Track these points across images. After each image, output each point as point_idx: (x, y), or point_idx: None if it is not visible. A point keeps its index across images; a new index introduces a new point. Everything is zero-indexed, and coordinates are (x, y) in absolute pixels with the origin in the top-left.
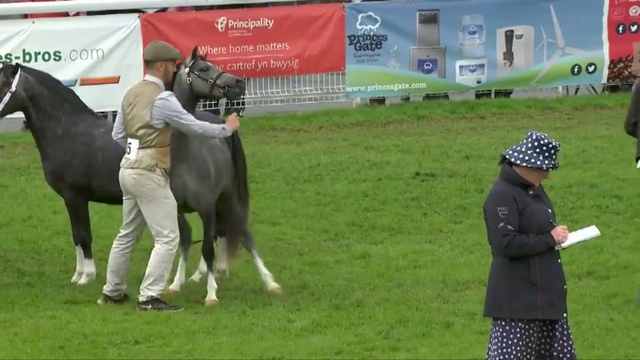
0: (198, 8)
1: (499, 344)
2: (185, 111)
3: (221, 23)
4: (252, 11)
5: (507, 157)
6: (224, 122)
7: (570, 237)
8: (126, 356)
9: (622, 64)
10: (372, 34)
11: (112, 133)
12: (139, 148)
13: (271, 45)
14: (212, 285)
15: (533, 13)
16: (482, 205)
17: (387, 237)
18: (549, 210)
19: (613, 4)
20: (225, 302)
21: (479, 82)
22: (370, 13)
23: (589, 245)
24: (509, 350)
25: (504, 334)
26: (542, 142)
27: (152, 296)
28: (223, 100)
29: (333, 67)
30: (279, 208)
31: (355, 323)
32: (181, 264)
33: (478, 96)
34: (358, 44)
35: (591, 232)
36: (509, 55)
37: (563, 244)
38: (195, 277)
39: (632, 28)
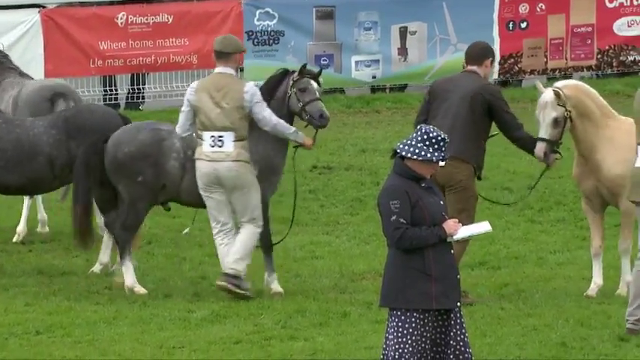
0: (99, 3)
1: (395, 334)
2: (266, 104)
3: (121, 18)
4: (151, 7)
5: (398, 150)
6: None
7: (462, 230)
8: (27, 347)
9: (512, 60)
10: (269, 29)
11: (178, 130)
12: (235, 141)
13: (171, 40)
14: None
15: (427, 10)
16: (377, 198)
17: (285, 229)
18: (441, 202)
19: (503, 2)
20: (126, 292)
21: (374, 77)
22: (268, 9)
23: (481, 236)
24: (405, 340)
25: (400, 324)
26: (431, 135)
27: (239, 271)
28: (124, 94)
29: None
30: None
31: (254, 313)
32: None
33: (373, 91)
34: (256, 40)
35: (483, 227)
36: (403, 51)
37: (455, 237)
38: (96, 268)
39: (521, 25)
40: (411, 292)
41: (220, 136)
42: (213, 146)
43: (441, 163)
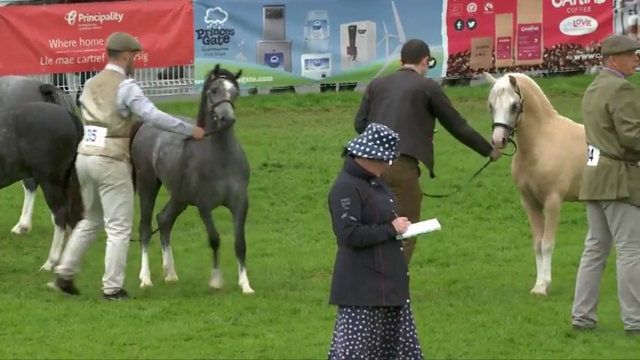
0: (49, 2)
1: (345, 331)
2: (147, 99)
3: (71, 17)
4: (101, 5)
5: (349, 149)
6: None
7: (412, 228)
8: None
9: (460, 59)
10: (219, 28)
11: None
12: (107, 137)
13: None
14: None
15: (376, 9)
16: (328, 195)
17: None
18: (390, 200)
19: (452, 1)
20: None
21: (324, 75)
22: (218, 7)
23: (430, 234)
24: (354, 336)
25: (350, 320)
26: (382, 134)
27: (118, 288)
28: (74, 93)
29: (182, 60)
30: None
31: (204, 310)
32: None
33: (323, 89)
34: (206, 38)
35: (432, 225)
36: (352, 50)
37: (404, 235)
38: (47, 265)
39: (469, 24)
40: (361, 289)
41: (94, 131)
42: (87, 140)
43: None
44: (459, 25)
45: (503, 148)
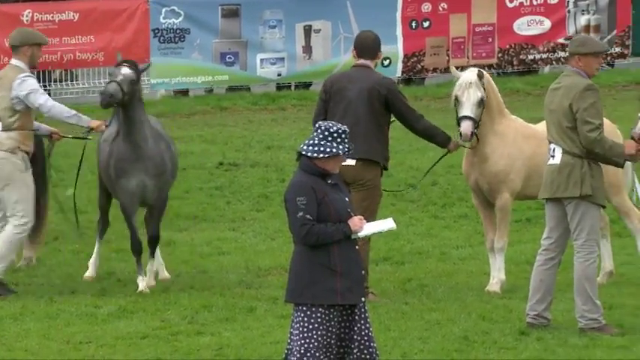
0: (4, 1)
1: (301, 329)
2: (42, 91)
3: (26, 16)
4: (57, 4)
5: (303, 152)
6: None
7: (367, 227)
8: None
9: (415, 59)
10: (175, 27)
11: None
12: (2, 131)
13: (77, 37)
14: (151, 269)
15: (331, 8)
16: (284, 194)
17: (191, 225)
18: (346, 199)
19: (406, 1)
20: (33, 288)
21: (279, 74)
22: (174, 7)
23: (385, 232)
24: (310, 335)
25: (306, 319)
26: (331, 130)
27: None
28: None
29: (137, 59)
30: (86, 197)
31: (161, 309)
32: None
33: (279, 88)
34: (162, 37)
35: (388, 224)
36: (308, 49)
37: (359, 234)
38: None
39: (424, 23)
40: (317, 288)
41: None
42: None
43: (351, 162)
44: (413, 24)
45: (469, 142)
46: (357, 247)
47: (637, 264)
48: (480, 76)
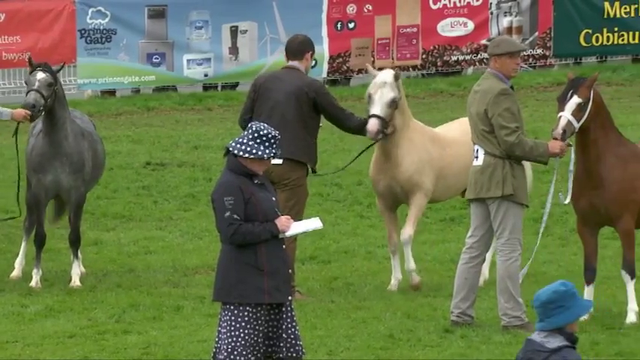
0: None
1: (228, 328)
2: None
3: None
4: None
5: (231, 149)
6: None
7: (295, 226)
8: None
9: (341, 59)
10: (102, 28)
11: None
12: None
13: (3, 38)
14: (76, 272)
15: (257, 10)
16: (211, 194)
17: (118, 224)
18: (273, 199)
19: (332, 3)
20: None
21: (206, 75)
22: (100, 7)
23: (311, 232)
24: (237, 333)
25: (233, 317)
26: (262, 132)
27: None
28: None
29: (64, 59)
30: (13, 197)
31: (88, 308)
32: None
33: (205, 89)
34: (89, 38)
35: (314, 223)
36: (234, 50)
37: (287, 233)
38: None
39: (349, 25)
40: (244, 287)
41: None
42: None
43: (277, 161)
44: (339, 26)
45: (376, 140)
46: (284, 246)
47: (558, 262)
48: (397, 77)
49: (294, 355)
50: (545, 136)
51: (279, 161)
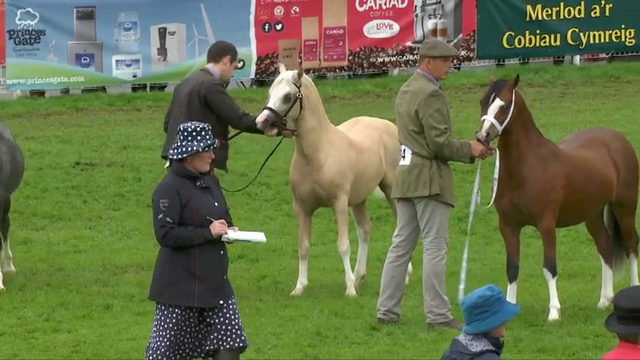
0: None
1: (157, 326)
2: None
3: None
4: None
5: (170, 157)
6: None
7: (236, 233)
8: None
9: (268, 61)
10: (30, 29)
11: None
12: None
13: None
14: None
15: (185, 11)
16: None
17: (48, 224)
18: (216, 203)
19: (259, 4)
20: None
21: (135, 76)
22: (29, 9)
23: (253, 243)
24: (164, 333)
25: (162, 317)
26: (189, 129)
27: None
28: None
29: None
30: None
31: (17, 306)
32: None
33: (134, 89)
34: (18, 39)
35: (258, 236)
36: (162, 51)
37: (228, 237)
38: None
39: (277, 26)
40: (175, 289)
41: None
42: None
43: None
44: (266, 27)
45: (271, 135)
46: (222, 252)
47: (482, 261)
48: (299, 75)
49: (241, 345)
50: (470, 136)
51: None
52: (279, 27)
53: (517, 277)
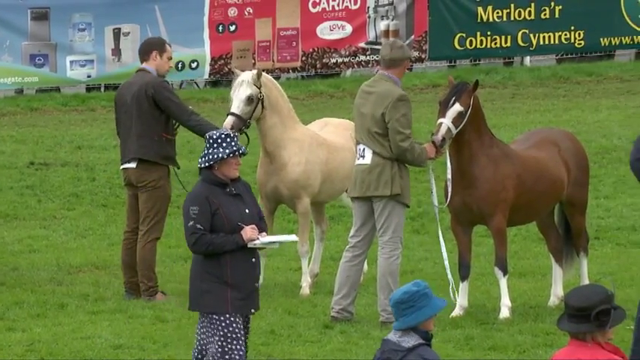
0: None
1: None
2: None
3: None
4: None
5: (200, 165)
6: None
7: (267, 237)
8: None
9: (222, 61)
10: None
11: None
12: None
13: None
14: None
15: (140, 12)
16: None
17: (2, 223)
18: (247, 210)
19: (213, 6)
20: None
21: (89, 76)
22: None
23: (284, 243)
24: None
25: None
26: (214, 136)
27: None
28: None
29: None
30: None
31: None
32: None
33: (88, 90)
34: None
35: (288, 237)
36: (117, 52)
37: (256, 243)
38: None
39: (230, 27)
40: (208, 298)
41: None
42: None
43: (131, 165)
44: (220, 28)
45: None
46: (254, 259)
47: (434, 259)
48: (258, 76)
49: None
50: (422, 136)
51: (133, 165)
52: (232, 28)
53: (469, 275)
